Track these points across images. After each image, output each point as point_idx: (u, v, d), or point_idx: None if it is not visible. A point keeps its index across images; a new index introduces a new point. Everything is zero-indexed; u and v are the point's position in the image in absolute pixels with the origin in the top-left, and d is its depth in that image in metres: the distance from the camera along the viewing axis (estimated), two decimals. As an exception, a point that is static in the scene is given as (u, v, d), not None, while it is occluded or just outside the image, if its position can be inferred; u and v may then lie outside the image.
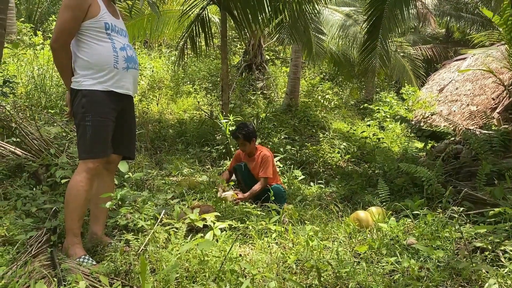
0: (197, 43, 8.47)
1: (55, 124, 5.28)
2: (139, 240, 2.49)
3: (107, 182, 2.95)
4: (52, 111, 6.21)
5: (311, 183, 5.80)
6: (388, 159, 6.07)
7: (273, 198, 3.79)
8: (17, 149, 4.05)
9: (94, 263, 2.48)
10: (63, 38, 2.56)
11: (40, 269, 2.22)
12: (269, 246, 3.02)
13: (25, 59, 8.24)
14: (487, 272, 2.58)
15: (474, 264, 2.64)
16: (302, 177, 5.89)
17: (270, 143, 7.13)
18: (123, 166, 3.90)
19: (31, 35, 10.48)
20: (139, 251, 2.32)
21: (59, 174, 3.52)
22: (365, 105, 12.78)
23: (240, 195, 4.50)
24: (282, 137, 7.68)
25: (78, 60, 2.63)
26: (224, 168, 5.78)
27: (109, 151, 2.74)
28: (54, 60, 2.65)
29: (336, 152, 7.48)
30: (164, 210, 2.93)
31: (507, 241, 2.89)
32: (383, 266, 2.80)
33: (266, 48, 13.96)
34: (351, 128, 9.72)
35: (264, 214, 3.67)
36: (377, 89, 15.44)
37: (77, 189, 2.59)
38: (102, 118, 2.64)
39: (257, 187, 4.49)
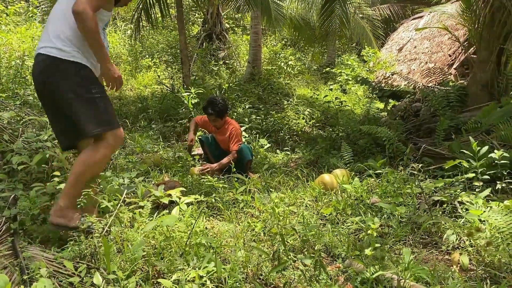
0: (153, 15, 8.19)
1: (7, 108, 5.04)
2: (102, 221, 2.44)
3: None
4: (4, 95, 5.91)
5: (278, 151, 5.84)
6: (351, 121, 6.16)
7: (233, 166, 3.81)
8: (-33, 138, 3.85)
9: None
10: (95, 5, 2.43)
11: (0, 260, 2.15)
12: (236, 216, 3.05)
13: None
14: (446, 223, 2.70)
15: (433, 217, 2.76)
16: (268, 145, 5.92)
17: (235, 113, 7.09)
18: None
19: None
20: (103, 232, 2.28)
21: (15, 160, 3.38)
22: (327, 69, 12.82)
23: (208, 165, 4.46)
24: (247, 106, 7.64)
25: (77, 33, 2.47)
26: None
27: None
28: (89, 28, 2.41)
29: (301, 118, 7.52)
30: (126, 190, 2.88)
31: (463, 192, 3.02)
32: (348, 226, 2.88)
33: (226, 16, 13.68)
34: (314, 93, 9.78)
35: (229, 186, 3.67)
36: (339, 53, 15.49)
37: (103, 162, 2.57)
38: (104, 90, 2.58)
39: (226, 160, 4.44)
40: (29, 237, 2.57)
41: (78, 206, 2.51)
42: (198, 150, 5.25)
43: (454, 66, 8.45)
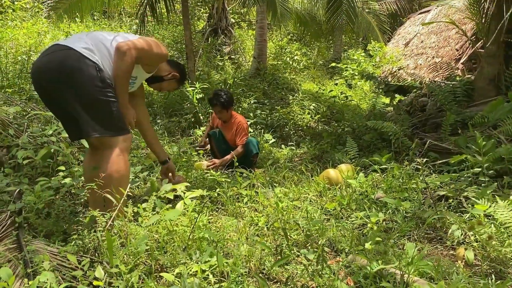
0: (158, 10, 8.18)
1: (13, 103, 5.06)
2: (106, 215, 2.44)
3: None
4: (10, 90, 5.94)
5: (282, 146, 5.82)
6: (357, 116, 6.13)
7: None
8: (-27, 132, 3.87)
9: None
10: (137, 56, 2.56)
11: (4, 253, 2.17)
12: (240, 211, 3.04)
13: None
14: (451, 218, 2.67)
15: (438, 212, 2.73)
16: (273, 140, 5.90)
17: (240, 108, 7.07)
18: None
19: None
20: (106, 226, 2.28)
21: (20, 155, 3.40)
22: (333, 64, 12.75)
23: (213, 161, 4.47)
24: (252, 101, 7.62)
25: (108, 60, 2.54)
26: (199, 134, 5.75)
27: None
28: (124, 66, 2.54)
29: (306, 113, 7.49)
30: (129, 185, 2.88)
31: (469, 187, 2.99)
32: (352, 221, 2.87)
33: (231, 11, 13.63)
34: (320, 88, 9.73)
35: (233, 180, 3.67)
36: (345, 47, 15.40)
37: (127, 169, 2.58)
38: (116, 96, 2.59)
39: (230, 156, 4.43)
40: (33, 231, 2.59)
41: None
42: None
43: (462, 61, 8.36)
